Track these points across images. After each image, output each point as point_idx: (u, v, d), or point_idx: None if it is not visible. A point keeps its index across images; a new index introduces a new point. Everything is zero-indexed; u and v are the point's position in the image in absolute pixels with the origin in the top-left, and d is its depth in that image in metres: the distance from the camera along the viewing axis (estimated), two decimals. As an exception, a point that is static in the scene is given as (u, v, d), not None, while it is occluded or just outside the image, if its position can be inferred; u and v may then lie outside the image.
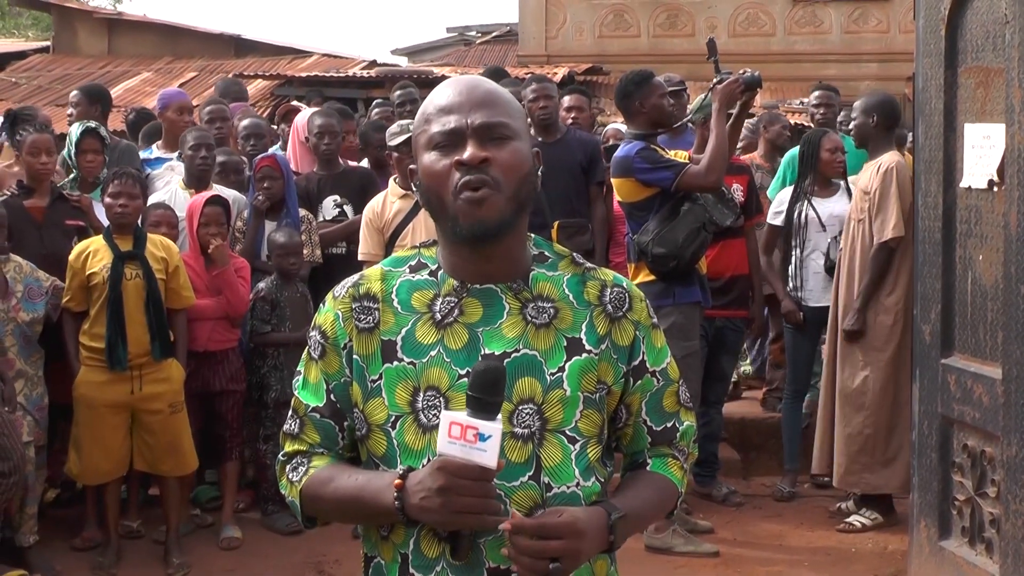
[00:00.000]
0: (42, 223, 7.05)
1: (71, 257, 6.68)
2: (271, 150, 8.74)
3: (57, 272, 6.74)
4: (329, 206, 8.02)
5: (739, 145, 8.94)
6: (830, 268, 7.63)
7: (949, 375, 5.65)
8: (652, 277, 6.72)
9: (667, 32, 19.83)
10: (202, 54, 20.90)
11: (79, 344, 6.66)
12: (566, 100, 8.81)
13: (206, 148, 7.75)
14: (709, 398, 7.57)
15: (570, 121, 8.53)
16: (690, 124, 7.47)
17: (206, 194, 7.25)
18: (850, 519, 7.34)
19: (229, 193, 7.62)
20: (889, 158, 7.12)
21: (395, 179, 7.26)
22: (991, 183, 5.34)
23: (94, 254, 6.62)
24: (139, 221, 6.83)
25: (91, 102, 8.72)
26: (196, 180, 7.70)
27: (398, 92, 10.09)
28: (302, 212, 7.74)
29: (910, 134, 8.34)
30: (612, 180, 6.95)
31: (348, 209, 7.98)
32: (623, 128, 8.21)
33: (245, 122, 8.96)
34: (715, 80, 6.74)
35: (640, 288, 6.69)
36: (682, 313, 6.72)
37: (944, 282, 5.70)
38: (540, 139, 7.85)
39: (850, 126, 7.50)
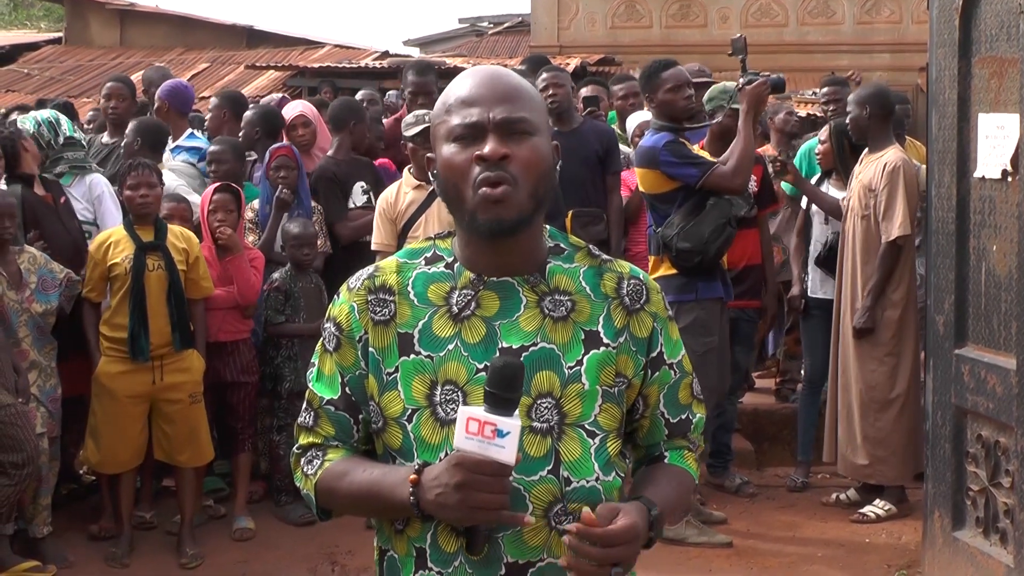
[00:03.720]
0: (57, 208, 7.08)
1: (92, 248, 6.73)
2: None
3: (82, 255, 6.83)
4: (358, 192, 8.01)
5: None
6: (819, 260, 7.66)
7: (963, 365, 5.64)
8: (673, 271, 6.70)
9: (679, 23, 19.82)
10: (214, 45, 20.93)
11: (99, 334, 6.69)
12: (584, 91, 8.93)
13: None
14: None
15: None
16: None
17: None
18: (864, 510, 7.33)
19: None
20: (893, 155, 7.11)
21: (409, 169, 7.25)
22: (1005, 173, 5.34)
23: (115, 245, 6.63)
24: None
25: (133, 95, 8.77)
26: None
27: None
28: (311, 203, 7.75)
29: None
30: (636, 170, 6.92)
31: (372, 196, 7.92)
32: (645, 116, 8.27)
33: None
34: (743, 81, 6.73)
35: (661, 282, 6.66)
36: (704, 309, 6.72)
37: (958, 272, 5.69)
38: (556, 128, 7.85)
39: (846, 120, 7.49)
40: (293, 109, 8.88)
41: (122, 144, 7.91)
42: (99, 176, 7.47)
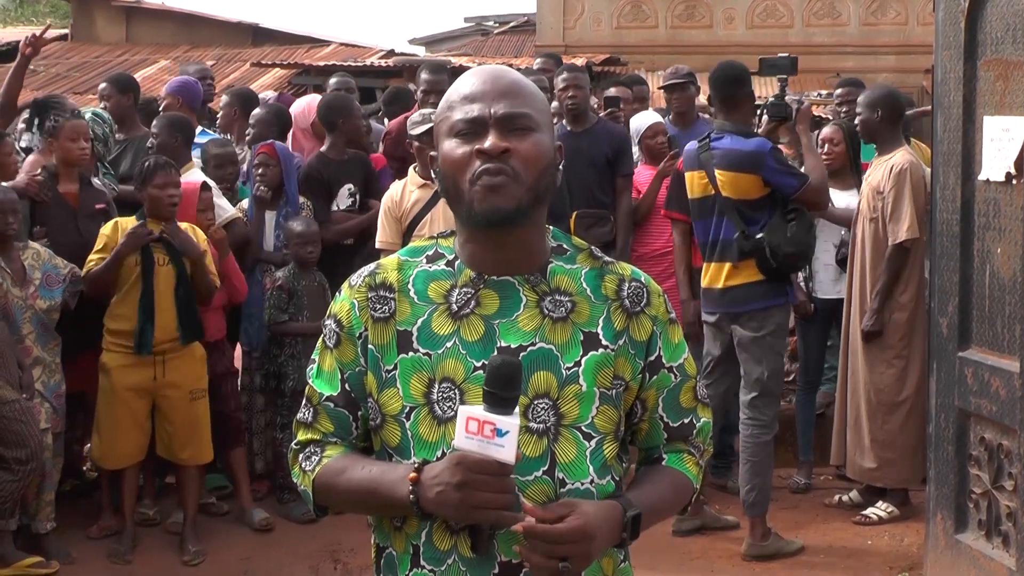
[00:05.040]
0: (77, 210, 7.06)
1: (105, 229, 6.68)
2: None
3: None
4: (343, 195, 8.01)
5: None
6: (841, 260, 7.63)
7: (966, 368, 5.64)
8: (759, 277, 6.62)
9: (685, 23, 19.83)
10: (220, 42, 20.95)
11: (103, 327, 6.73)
12: (609, 91, 9.01)
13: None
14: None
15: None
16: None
17: (195, 180, 7.29)
18: (866, 512, 7.33)
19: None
20: (901, 157, 7.09)
21: (415, 168, 7.25)
22: (1009, 176, 5.33)
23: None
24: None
25: (122, 91, 8.74)
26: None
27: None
28: (300, 200, 7.75)
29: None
30: (727, 173, 6.66)
31: (359, 199, 7.98)
32: (656, 117, 8.27)
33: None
34: (796, 103, 6.81)
35: (744, 289, 6.75)
36: (787, 312, 6.89)
37: (962, 275, 5.68)
38: (569, 128, 7.86)
39: (855, 121, 7.48)
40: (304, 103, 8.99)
41: (152, 141, 7.81)
42: None
